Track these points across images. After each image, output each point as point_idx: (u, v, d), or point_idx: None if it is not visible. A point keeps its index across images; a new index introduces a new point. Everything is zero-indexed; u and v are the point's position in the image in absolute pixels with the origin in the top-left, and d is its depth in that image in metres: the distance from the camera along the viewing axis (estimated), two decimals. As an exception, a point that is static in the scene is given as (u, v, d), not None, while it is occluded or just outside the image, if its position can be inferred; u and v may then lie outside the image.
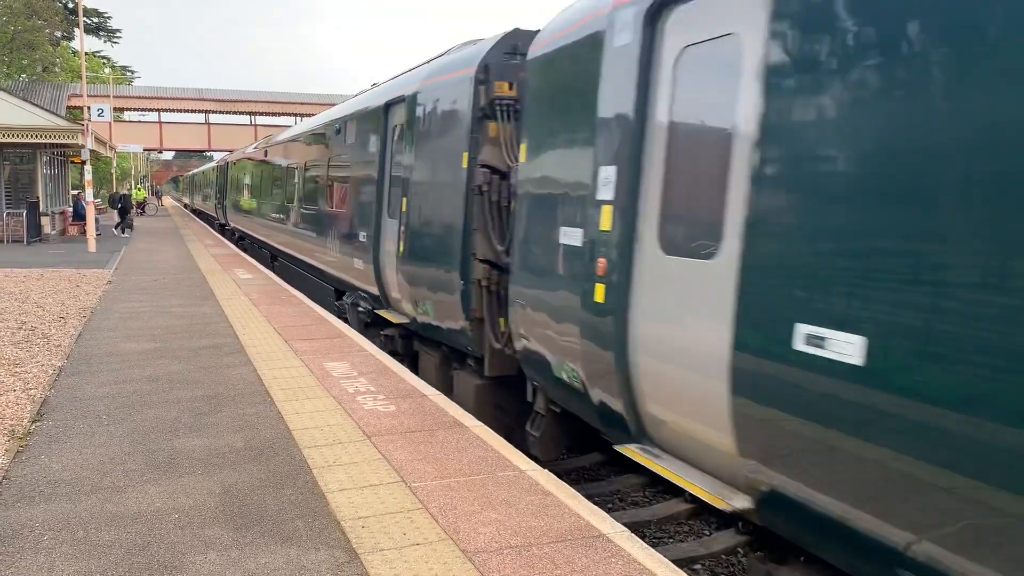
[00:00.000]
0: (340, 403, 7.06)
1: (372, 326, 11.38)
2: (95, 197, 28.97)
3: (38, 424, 6.50)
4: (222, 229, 35.00)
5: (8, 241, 26.63)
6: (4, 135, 25.04)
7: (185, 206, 75.64)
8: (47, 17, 51.94)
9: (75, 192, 35.99)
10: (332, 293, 13.97)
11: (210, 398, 7.29)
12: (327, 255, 13.68)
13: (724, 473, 4.50)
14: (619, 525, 4.53)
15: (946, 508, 3.07)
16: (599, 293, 5.29)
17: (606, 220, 5.28)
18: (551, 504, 4.80)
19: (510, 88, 7.57)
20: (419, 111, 9.12)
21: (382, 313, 10.76)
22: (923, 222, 3.14)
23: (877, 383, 3.27)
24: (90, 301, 13.59)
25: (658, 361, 4.86)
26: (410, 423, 6.47)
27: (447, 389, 8.65)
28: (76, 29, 50.96)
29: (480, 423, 6.53)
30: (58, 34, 58.77)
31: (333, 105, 16.22)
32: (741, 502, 4.24)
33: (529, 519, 4.58)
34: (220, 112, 60.24)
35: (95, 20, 68.36)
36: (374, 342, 10.31)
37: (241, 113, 60.68)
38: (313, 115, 19.21)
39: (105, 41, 72.71)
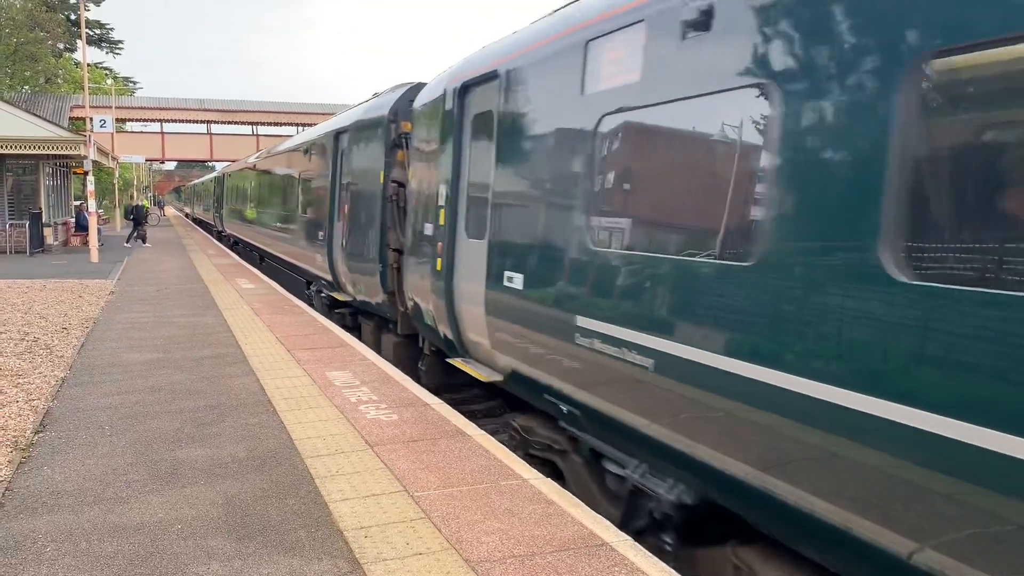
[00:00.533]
0: (343, 412, 7.06)
1: (333, 308, 13.81)
2: (98, 207, 29.00)
3: (41, 435, 6.50)
4: (219, 236, 38.10)
5: (11, 252, 26.69)
6: (7, 147, 25.12)
7: (186, 215, 75.87)
8: (50, 29, 52.16)
9: (78, 203, 36.05)
10: (304, 284, 16.69)
11: (212, 408, 7.29)
12: (298, 252, 16.67)
13: (491, 364, 7.19)
14: (623, 534, 4.52)
15: (604, 367, 5.12)
16: (439, 264, 8.03)
17: (442, 218, 8.06)
18: (554, 513, 4.80)
19: (410, 126, 9.93)
20: (354, 139, 12.11)
21: (335, 295, 13.44)
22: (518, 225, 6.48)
23: (530, 298, 6.14)
24: (92, 312, 13.60)
25: (465, 303, 7.52)
26: (412, 432, 6.46)
27: (378, 348, 11.21)
28: (78, 40, 51.17)
29: (482, 432, 6.53)
30: (61, 46, 59.02)
31: (333, 114, 17.12)
32: (497, 377, 7.06)
33: (532, 528, 4.57)
34: (222, 122, 60.39)
35: (97, 32, 68.62)
36: (332, 318, 13.18)
37: (243, 123, 60.85)
38: (314, 124, 20.61)
39: (107, 52, 72.98)
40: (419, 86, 10.13)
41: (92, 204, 26.05)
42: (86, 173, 25.56)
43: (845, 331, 3.34)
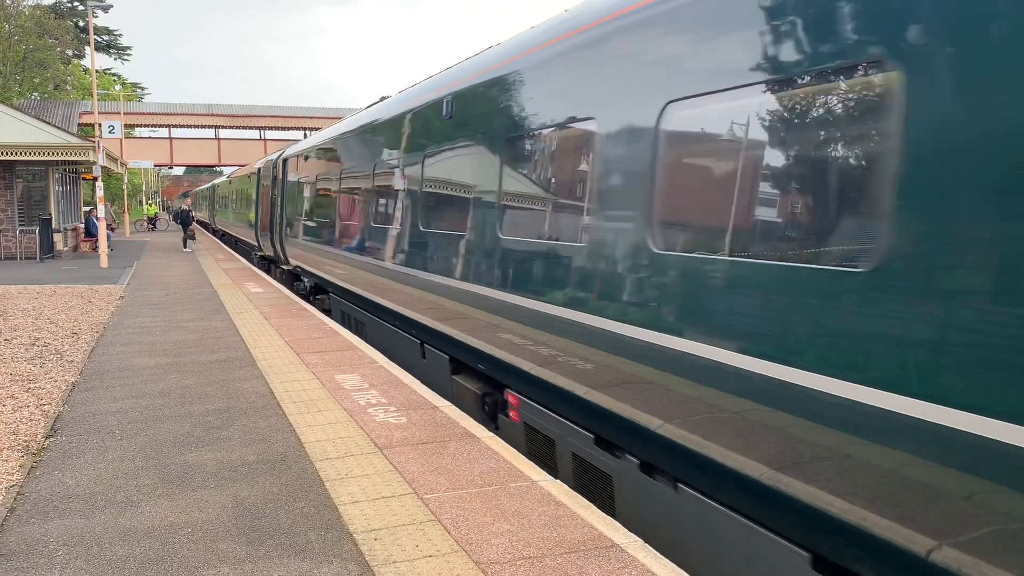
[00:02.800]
0: (351, 415, 7.07)
1: (270, 270, 23.95)
2: (107, 213, 29.20)
3: (52, 440, 6.53)
4: (214, 233, 48.28)
5: (22, 258, 26.83)
6: (17, 153, 25.27)
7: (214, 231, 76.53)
8: (58, 36, 52.49)
9: (87, 208, 36.22)
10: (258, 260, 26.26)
11: (222, 412, 7.31)
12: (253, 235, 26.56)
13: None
14: (632, 535, 4.51)
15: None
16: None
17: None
18: (563, 515, 4.79)
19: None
20: (275, 170, 20.90)
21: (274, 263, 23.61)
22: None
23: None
24: (102, 316, 13.66)
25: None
26: (421, 435, 6.46)
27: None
28: (87, 47, 51.43)
29: (491, 434, 6.53)
30: (69, 52, 59.38)
31: (339, 119, 18.47)
32: (289, 266, 18.20)
33: (542, 530, 4.57)
34: (230, 127, 60.61)
35: (105, 38, 69.00)
36: (273, 276, 22.36)
37: (250, 128, 61.04)
38: (320, 128, 23.34)
39: (115, 58, 73.47)
40: (287, 150, 18.93)
41: (101, 210, 26.17)
42: (95, 179, 25.68)
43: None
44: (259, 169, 25.18)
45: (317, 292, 16.63)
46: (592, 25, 5.58)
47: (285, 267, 20.20)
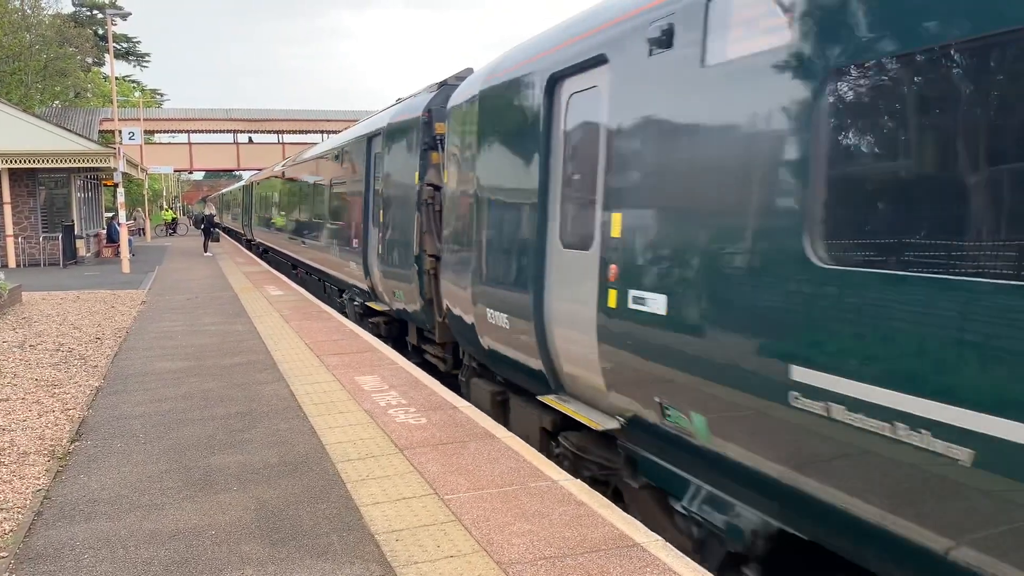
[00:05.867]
0: (372, 417, 7.10)
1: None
2: (129, 219, 29.51)
3: (77, 444, 6.61)
4: (241, 239, 44.37)
5: (45, 264, 27.18)
6: (39, 161, 25.61)
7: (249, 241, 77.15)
8: (78, 44, 53.07)
9: (109, 215, 36.60)
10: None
11: (244, 415, 7.36)
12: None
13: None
14: (653, 535, 4.50)
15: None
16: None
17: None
18: (584, 514, 4.78)
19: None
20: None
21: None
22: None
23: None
24: (125, 321, 13.80)
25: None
26: (442, 435, 6.48)
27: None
28: (106, 55, 51.96)
29: (511, 434, 6.53)
30: (89, 60, 60.05)
31: (356, 121, 17.36)
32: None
33: (562, 530, 4.56)
34: (249, 131, 61.02)
35: (125, 45, 69.71)
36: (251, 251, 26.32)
37: (269, 132, 61.41)
38: (338, 131, 21.70)
39: (135, 65, 74.16)
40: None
41: (123, 215, 26.44)
42: (116, 185, 25.95)
43: None
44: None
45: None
46: None
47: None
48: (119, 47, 66.44)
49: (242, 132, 60.81)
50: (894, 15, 3.31)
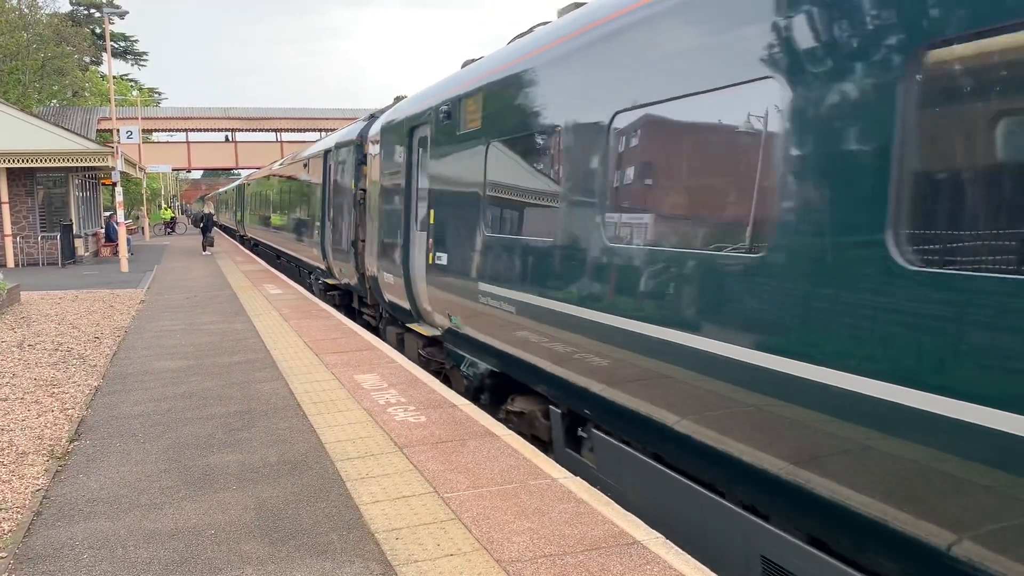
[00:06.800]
0: (371, 415, 7.09)
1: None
2: (127, 218, 29.50)
3: (76, 443, 6.60)
4: (235, 235, 47.88)
5: (43, 263, 27.15)
6: (38, 160, 25.57)
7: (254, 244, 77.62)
8: (76, 43, 52.97)
9: (107, 214, 36.57)
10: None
11: (243, 414, 7.35)
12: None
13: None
14: (653, 532, 4.49)
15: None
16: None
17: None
18: (584, 512, 4.78)
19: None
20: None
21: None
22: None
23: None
24: (124, 321, 13.79)
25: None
26: (441, 433, 6.47)
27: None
28: (104, 54, 51.90)
29: (511, 432, 6.53)
30: (87, 59, 59.94)
31: (354, 119, 18.39)
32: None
33: (563, 527, 4.56)
34: (246, 130, 60.98)
35: (122, 44, 69.64)
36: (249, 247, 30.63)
37: (267, 130, 61.38)
38: (335, 130, 21.97)
39: (132, 64, 74.14)
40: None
41: (121, 215, 26.42)
42: (114, 184, 25.93)
43: None
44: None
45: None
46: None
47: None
48: (117, 46, 66.35)
49: (240, 131, 60.78)
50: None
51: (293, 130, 60.75)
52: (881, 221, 3.23)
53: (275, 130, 61.21)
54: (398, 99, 12.98)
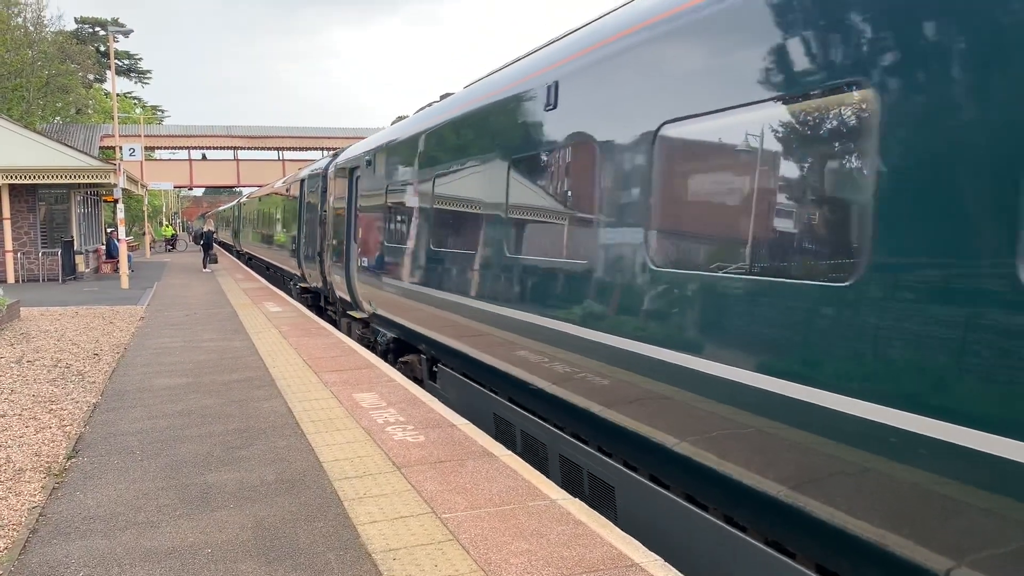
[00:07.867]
0: (370, 434, 7.08)
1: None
2: (128, 235, 29.56)
3: (73, 460, 6.59)
4: (232, 250, 51.05)
5: (44, 279, 27.17)
6: (40, 176, 25.67)
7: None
8: (80, 61, 53.31)
9: (109, 230, 36.63)
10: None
11: (242, 432, 7.34)
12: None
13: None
14: (652, 554, 4.48)
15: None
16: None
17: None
18: (583, 534, 4.76)
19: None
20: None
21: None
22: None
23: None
24: (123, 337, 13.79)
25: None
26: (439, 453, 6.46)
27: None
28: (108, 71, 52.21)
29: (509, 452, 6.52)
30: (91, 77, 60.29)
31: (360, 139, 18.80)
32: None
33: (560, 549, 4.54)
34: (248, 148, 61.19)
35: (126, 62, 70.13)
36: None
37: (269, 149, 61.60)
38: (337, 148, 22.58)
39: (136, 82, 74.65)
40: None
41: (122, 231, 26.47)
42: (116, 201, 26.01)
43: None
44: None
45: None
46: None
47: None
48: (121, 64, 66.80)
49: (242, 148, 61.00)
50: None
51: (296, 148, 60.94)
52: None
53: (277, 148, 61.42)
54: (400, 118, 13.13)
